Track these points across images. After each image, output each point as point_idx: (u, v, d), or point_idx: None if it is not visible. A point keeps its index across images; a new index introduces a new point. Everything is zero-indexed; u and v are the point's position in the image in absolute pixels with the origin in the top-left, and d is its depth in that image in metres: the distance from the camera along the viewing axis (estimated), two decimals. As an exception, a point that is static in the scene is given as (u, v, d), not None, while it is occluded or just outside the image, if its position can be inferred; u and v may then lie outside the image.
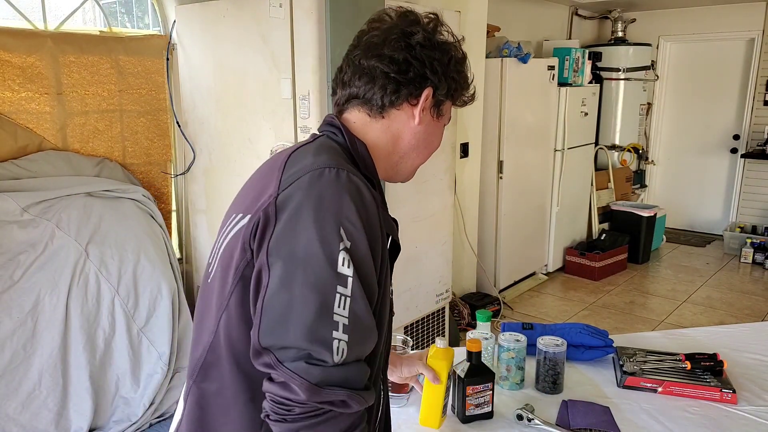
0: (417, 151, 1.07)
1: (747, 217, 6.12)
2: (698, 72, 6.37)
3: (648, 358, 1.71)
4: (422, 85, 0.99)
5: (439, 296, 3.32)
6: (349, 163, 0.97)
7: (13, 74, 2.61)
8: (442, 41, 1.01)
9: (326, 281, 0.84)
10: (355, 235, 0.87)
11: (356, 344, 0.85)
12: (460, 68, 1.04)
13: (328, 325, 0.83)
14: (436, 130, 1.07)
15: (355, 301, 0.85)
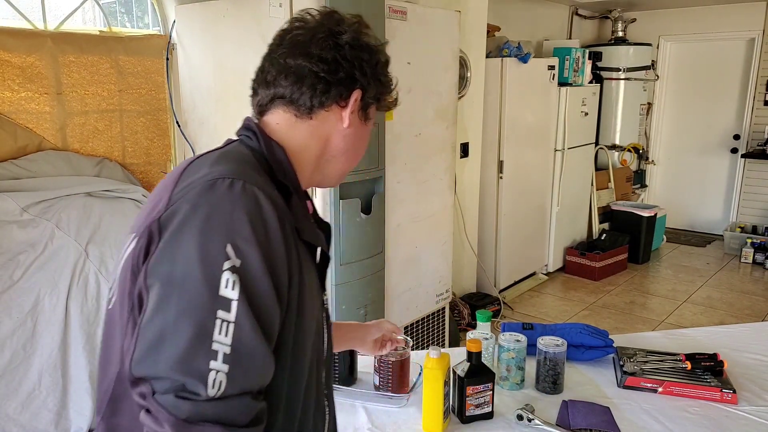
0: (346, 156, 1.01)
1: (747, 217, 6.12)
2: (698, 72, 6.37)
3: (648, 358, 1.70)
4: (352, 86, 0.95)
5: (439, 296, 3.32)
6: (258, 171, 0.89)
7: (12, 74, 2.61)
8: (369, 43, 0.98)
9: (204, 305, 0.75)
10: (247, 252, 0.77)
11: (240, 376, 0.75)
12: (386, 71, 1.01)
13: (204, 355, 0.74)
14: (363, 134, 1.02)
15: (241, 328, 0.75)
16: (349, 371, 1.63)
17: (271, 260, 0.80)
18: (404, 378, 1.58)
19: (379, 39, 1.02)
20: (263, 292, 0.79)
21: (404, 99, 2.83)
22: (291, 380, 0.89)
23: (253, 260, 0.78)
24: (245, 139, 0.97)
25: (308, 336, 0.93)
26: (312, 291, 0.93)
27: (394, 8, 2.67)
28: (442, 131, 3.14)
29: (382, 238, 2.78)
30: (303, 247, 0.91)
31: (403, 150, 2.87)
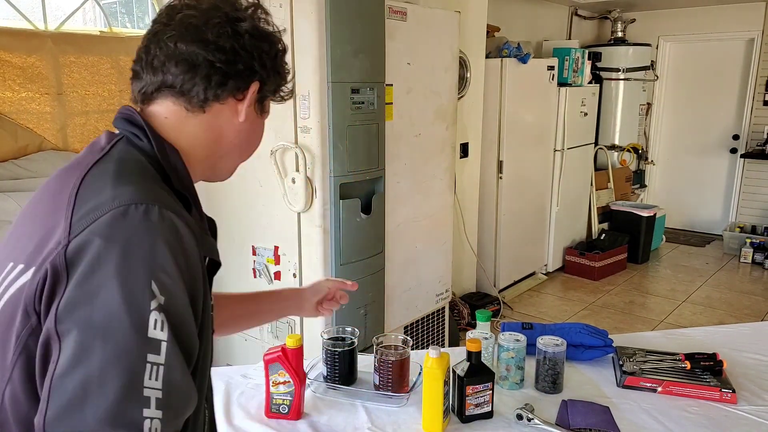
0: (240, 150, 0.95)
1: (746, 217, 6.12)
2: (698, 72, 6.38)
3: (648, 358, 1.71)
4: (250, 78, 0.88)
5: (439, 296, 3.32)
6: (160, 184, 0.81)
7: (13, 74, 2.61)
8: (269, 32, 0.91)
9: (133, 351, 0.67)
10: (171, 287, 0.71)
11: (173, 417, 0.70)
12: (284, 62, 0.94)
13: (137, 404, 0.66)
14: (258, 128, 0.96)
15: (171, 370, 0.69)
16: (348, 371, 1.64)
17: (193, 291, 0.75)
18: (404, 377, 1.58)
19: (276, 26, 0.94)
20: (188, 326, 0.73)
21: (404, 99, 2.84)
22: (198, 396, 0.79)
23: (178, 295, 0.72)
24: (133, 139, 0.85)
25: (210, 352, 0.87)
26: (208, 304, 0.84)
27: (394, 8, 2.68)
28: (442, 131, 3.14)
29: (382, 238, 2.78)
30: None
31: (403, 150, 2.88)
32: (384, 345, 1.59)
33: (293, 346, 1.48)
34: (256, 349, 2.91)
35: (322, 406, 1.56)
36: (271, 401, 1.49)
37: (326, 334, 1.67)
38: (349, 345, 1.63)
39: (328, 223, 2.52)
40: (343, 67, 2.42)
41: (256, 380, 1.66)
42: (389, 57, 2.66)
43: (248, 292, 1.39)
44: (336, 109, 2.42)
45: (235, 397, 1.59)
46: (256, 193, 2.75)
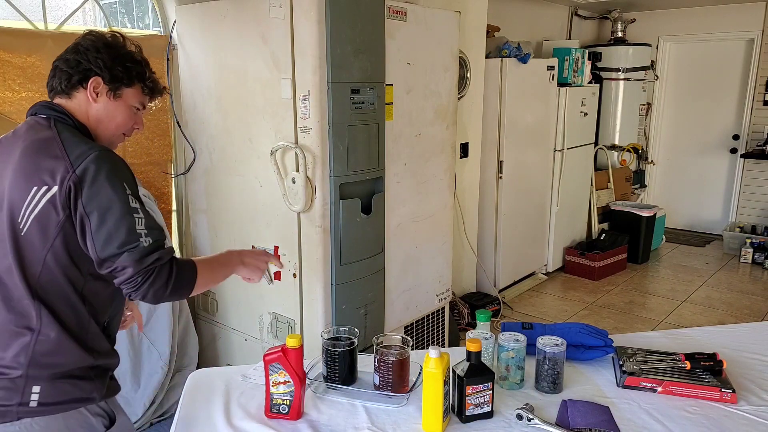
0: (103, 124, 1.48)
1: (746, 217, 6.12)
2: (698, 72, 6.38)
3: (648, 358, 1.71)
4: (89, 75, 1.44)
5: (439, 296, 3.32)
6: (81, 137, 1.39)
7: (13, 74, 2.61)
8: (111, 45, 1.47)
9: (126, 215, 1.31)
10: (130, 184, 1.36)
11: (155, 238, 1.34)
12: (124, 65, 1.45)
13: (135, 236, 1.31)
14: (113, 108, 1.47)
15: (147, 218, 1.34)
16: (349, 371, 1.64)
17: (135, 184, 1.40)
18: (404, 377, 1.58)
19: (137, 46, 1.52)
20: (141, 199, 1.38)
21: (404, 99, 2.84)
22: None
23: (134, 187, 1.38)
24: (60, 119, 1.42)
25: None
26: None
27: (394, 8, 2.68)
28: (442, 131, 3.14)
29: (382, 238, 2.78)
30: None
31: (403, 150, 2.88)
32: (384, 345, 1.59)
33: (293, 346, 1.48)
34: (256, 349, 2.91)
35: (322, 406, 1.56)
36: (271, 401, 1.49)
37: (326, 334, 1.67)
38: (349, 345, 1.63)
39: (328, 223, 2.52)
40: (343, 67, 2.42)
41: (257, 380, 1.66)
42: (389, 57, 2.66)
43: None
44: (336, 109, 2.42)
45: (235, 397, 1.59)
46: (256, 193, 2.75)
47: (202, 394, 1.61)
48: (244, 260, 1.62)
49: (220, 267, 1.56)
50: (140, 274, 1.29)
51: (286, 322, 2.76)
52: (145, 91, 1.51)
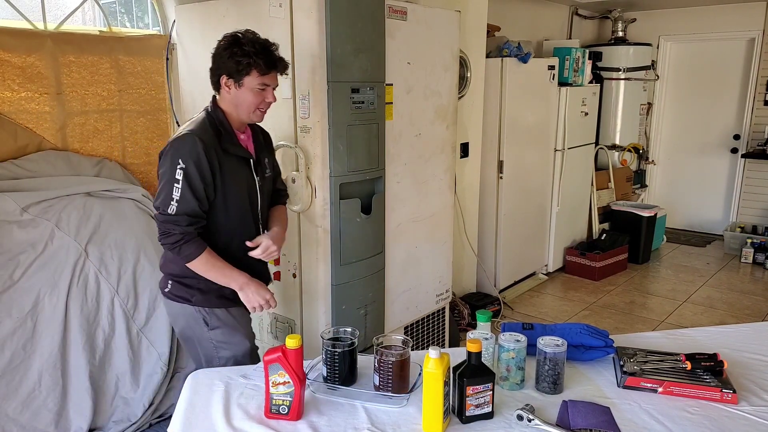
0: (239, 107, 1.93)
1: (747, 217, 6.12)
2: (698, 72, 6.37)
3: (648, 359, 1.71)
4: (219, 74, 1.92)
5: (439, 296, 3.32)
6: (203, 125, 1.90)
7: (12, 74, 2.61)
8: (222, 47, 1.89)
9: (170, 183, 1.82)
10: (186, 162, 1.82)
11: (183, 208, 1.83)
12: (231, 55, 1.85)
13: (169, 201, 1.82)
14: (241, 94, 1.90)
15: (182, 193, 1.82)
16: (349, 371, 1.63)
17: (199, 167, 1.84)
18: (404, 378, 1.58)
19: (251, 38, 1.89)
20: (193, 179, 1.83)
21: (404, 99, 2.83)
22: (225, 214, 1.96)
23: (189, 167, 1.82)
24: (207, 108, 1.97)
25: (233, 197, 1.95)
26: (236, 176, 1.95)
27: (394, 8, 2.68)
28: (442, 131, 3.14)
29: (382, 238, 2.78)
30: (229, 155, 1.92)
31: (403, 150, 2.88)
32: (384, 345, 1.59)
33: (293, 346, 1.48)
34: (256, 349, 2.91)
35: (322, 406, 1.55)
36: (270, 402, 1.49)
37: (326, 334, 1.66)
38: (349, 345, 1.63)
39: (328, 223, 2.51)
40: (343, 66, 2.41)
41: (256, 381, 1.66)
42: (389, 57, 2.66)
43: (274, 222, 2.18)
44: (336, 109, 2.42)
45: (235, 398, 1.59)
46: (255, 193, 2.74)
47: (201, 395, 1.61)
48: (244, 289, 1.95)
49: (220, 275, 1.93)
50: (159, 230, 1.87)
51: (285, 323, 2.75)
52: (260, 72, 1.87)
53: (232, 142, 1.93)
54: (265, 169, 2.09)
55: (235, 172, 1.94)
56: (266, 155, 2.12)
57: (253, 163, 2.02)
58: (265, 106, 1.94)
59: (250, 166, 2.02)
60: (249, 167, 2.01)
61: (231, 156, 1.93)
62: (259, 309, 1.97)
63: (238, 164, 1.97)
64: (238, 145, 1.95)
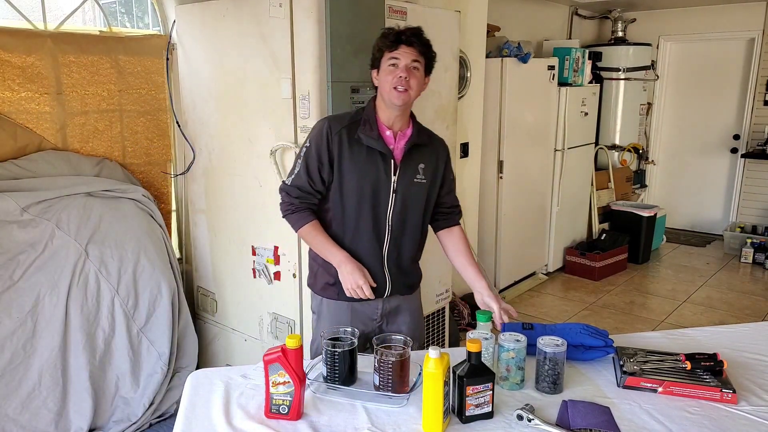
0: (382, 92, 1.88)
1: (747, 217, 6.12)
2: (698, 72, 6.37)
3: (648, 358, 1.71)
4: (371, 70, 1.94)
5: (439, 296, 3.32)
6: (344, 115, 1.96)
7: (12, 74, 2.61)
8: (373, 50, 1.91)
9: (297, 158, 1.95)
10: (311, 143, 1.92)
11: (296, 182, 1.94)
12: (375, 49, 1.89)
13: (291, 173, 1.96)
14: (381, 78, 1.87)
15: (299, 170, 1.93)
16: (349, 371, 1.63)
17: (319, 147, 1.89)
18: (404, 378, 1.58)
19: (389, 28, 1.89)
20: (310, 158, 1.91)
21: (404, 99, 2.83)
22: (341, 197, 1.93)
23: (312, 145, 1.91)
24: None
25: (351, 188, 1.91)
26: (360, 166, 1.89)
27: (394, 8, 2.68)
28: (442, 131, 3.12)
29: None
30: (360, 145, 1.89)
31: (403, 150, 2.87)
32: (384, 345, 1.59)
33: (293, 346, 1.48)
34: (256, 349, 2.91)
35: (322, 406, 1.55)
36: (270, 401, 1.49)
37: (326, 334, 1.66)
38: (349, 345, 1.63)
39: (328, 223, 2.51)
40: (343, 67, 2.41)
41: (256, 380, 1.66)
42: (389, 57, 2.66)
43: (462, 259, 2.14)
44: (336, 108, 2.42)
45: (235, 398, 1.59)
46: (256, 193, 2.75)
47: (201, 395, 1.61)
48: (340, 267, 1.91)
49: (321, 248, 1.95)
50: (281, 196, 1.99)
51: (285, 322, 2.75)
52: (388, 48, 1.83)
53: (368, 134, 1.87)
54: (416, 173, 1.94)
55: (358, 161, 1.88)
56: (425, 162, 1.95)
57: (394, 162, 1.90)
58: (397, 82, 1.82)
59: (387, 163, 1.89)
60: (383, 162, 1.89)
61: (362, 146, 1.87)
62: (353, 293, 1.87)
63: (369, 157, 1.88)
64: (375, 138, 1.87)
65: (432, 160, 1.98)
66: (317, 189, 1.93)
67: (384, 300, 2.01)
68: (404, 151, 1.92)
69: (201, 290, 3.24)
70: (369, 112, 1.91)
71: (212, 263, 3.11)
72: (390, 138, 1.91)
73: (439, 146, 2.03)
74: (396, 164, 1.90)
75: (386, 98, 1.85)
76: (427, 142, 1.98)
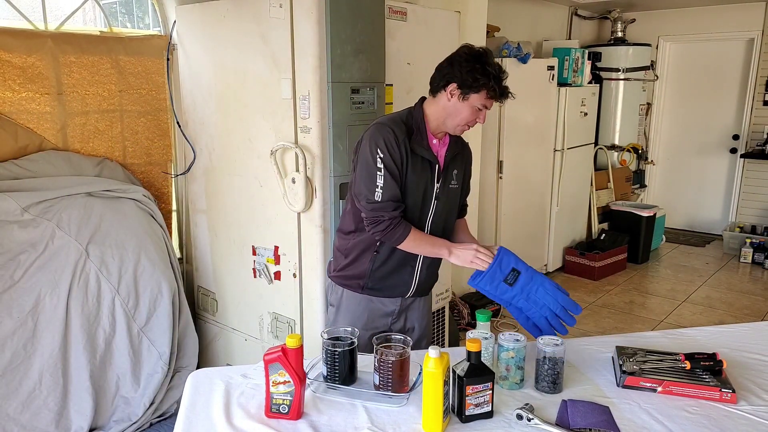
0: (451, 117, 1.90)
1: (746, 216, 6.13)
2: (698, 72, 6.38)
3: (647, 358, 1.71)
4: (449, 81, 1.87)
5: (439, 296, 3.32)
6: (398, 121, 1.92)
7: (13, 74, 2.61)
8: (465, 57, 1.87)
9: (372, 168, 1.86)
10: (383, 151, 1.85)
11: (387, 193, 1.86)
12: (474, 74, 1.83)
13: (372, 187, 1.86)
14: (460, 107, 1.87)
15: (385, 179, 1.85)
16: (349, 371, 1.64)
17: (392, 156, 1.85)
18: (404, 377, 1.58)
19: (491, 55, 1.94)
20: (391, 166, 1.85)
21: (404, 99, 2.83)
22: (407, 200, 1.92)
23: (385, 155, 1.85)
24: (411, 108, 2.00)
25: (410, 189, 1.91)
26: (415, 176, 1.91)
27: (394, 8, 2.68)
28: (441, 131, 3.14)
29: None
30: (415, 155, 1.89)
31: (403, 150, 2.88)
32: (384, 345, 1.59)
33: (293, 346, 1.48)
34: (256, 349, 2.91)
35: (322, 406, 1.56)
36: (271, 401, 1.49)
37: (326, 334, 1.67)
38: (349, 345, 1.63)
39: (328, 223, 2.52)
40: (343, 67, 2.42)
41: (256, 380, 1.66)
42: (389, 57, 2.66)
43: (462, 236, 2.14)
44: (336, 109, 2.42)
45: (235, 397, 1.59)
46: (256, 193, 2.75)
47: (202, 394, 1.61)
48: (452, 250, 1.93)
49: (430, 246, 1.95)
50: (368, 219, 1.90)
51: (286, 322, 2.76)
52: (490, 95, 1.86)
53: (420, 143, 1.90)
54: (451, 180, 2.01)
55: (416, 171, 1.91)
56: (457, 167, 2.03)
57: (438, 170, 1.96)
58: (473, 124, 1.92)
59: (433, 171, 1.95)
60: (431, 171, 1.94)
61: (416, 156, 1.90)
62: (476, 261, 1.88)
63: (422, 166, 1.92)
64: (426, 148, 1.91)
65: (462, 166, 2.06)
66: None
67: (405, 299, 2.07)
68: (447, 160, 1.98)
69: (201, 290, 3.24)
70: (418, 119, 1.92)
71: (213, 263, 3.12)
72: (436, 146, 1.97)
73: (467, 152, 2.10)
74: (440, 173, 1.96)
75: (451, 127, 1.92)
76: (461, 149, 2.05)
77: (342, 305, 2.08)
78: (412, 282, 2.04)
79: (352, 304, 2.06)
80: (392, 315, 2.08)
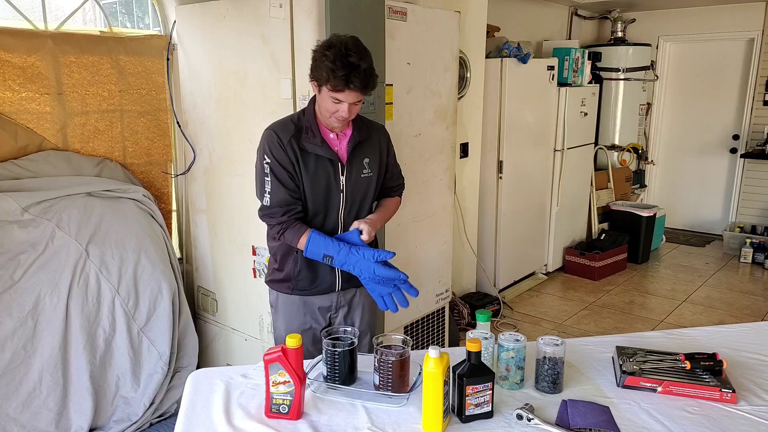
0: (321, 109, 1.89)
1: (746, 216, 6.13)
2: (698, 72, 6.38)
3: (648, 358, 1.71)
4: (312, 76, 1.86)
5: (439, 296, 3.32)
6: (287, 122, 1.94)
7: (13, 74, 2.61)
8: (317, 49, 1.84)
9: (261, 177, 1.93)
10: (270, 157, 1.88)
11: (274, 198, 1.90)
12: (316, 60, 1.82)
13: (262, 193, 1.93)
14: (321, 99, 1.86)
15: (273, 186, 1.90)
16: (349, 371, 1.64)
17: (278, 160, 1.88)
18: (404, 377, 1.58)
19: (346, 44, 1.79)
20: (278, 171, 1.88)
21: (404, 99, 2.84)
22: (308, 198, 1.93)
23: (272, 160, 1.88)
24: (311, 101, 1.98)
25: (310, 186, 1.92)
26: (312, 174, 1.91)
27: (394, 8, 2.68)
28: (442, 131, 3.14)
29: (382, 238, 2.78)
30: (306, 153, 1.90)
31: (403, 150, 2.88)
32: (384, 345, 1.59)
33: (293, 346, 1.48)
34: (256, 349, 2.91)
35: (322, 406, 1.56)
36: (271, 401, 1.49)
37: (326, 333, 1.67)
38: (349, 345, 1.63)
39: (328, 223, 2.52)
40: (343, 67, 2.41)
41: (256, 380, 1.66)
42: (389, 57, 2.66)
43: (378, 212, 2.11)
44: (336, 109, 2.42)
45: (235, 397, 1.59)
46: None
47: (202, 394, 1.61)
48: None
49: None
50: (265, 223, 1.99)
51: (286, 322, 2.76)
52: (334, 88, 1.78)
53: (312, 141, 1.88)
54: (362, 169, 1.97)
55: (311, 168, 1.90)
56: (368, 155, 1.99)
57: (341, 165, 1.93)
58: (340, 116, 1.84)
59: (334, 164, 1.92)
60: (332, 167, 1.93)
61: (308, 154, 1.89)
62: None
63: (318, 162, 1.91)
64: (319, 144, 1.89)
65: (375, 152, 2.02)
66: (297, 196, 1.93)
67: (338, 293, 2.08)
68: (349, 151, 1.95)
69: (201, 290, 3.24)
70: (309, 118, 1.92)
71: (212, 263, 3.12)
72: (334, 140, 1.94)
73: (379, 135, 2.06)
74: (343, 165, 1.94)
75: (324, 119, 1.90)
76: (368, 136, 2.00)
77: (279, 307, 2.13)
78: (336, 275, 2.04)
79: (287, 306, 2.10)
80: (330, 310, 2.11)
